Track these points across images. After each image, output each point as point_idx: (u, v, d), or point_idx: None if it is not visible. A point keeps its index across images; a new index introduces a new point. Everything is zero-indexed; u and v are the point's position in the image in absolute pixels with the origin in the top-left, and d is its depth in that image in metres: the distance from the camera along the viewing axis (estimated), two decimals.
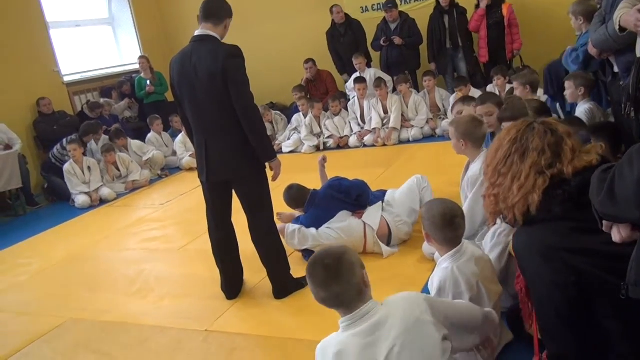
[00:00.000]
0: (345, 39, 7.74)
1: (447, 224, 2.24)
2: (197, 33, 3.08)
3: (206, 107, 3.04)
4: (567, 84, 4.14)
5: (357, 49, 7.61)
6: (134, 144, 7.33)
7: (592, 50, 3.55)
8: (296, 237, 3.63)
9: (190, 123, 3.21)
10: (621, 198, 1.12)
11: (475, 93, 6.52)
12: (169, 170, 7.48)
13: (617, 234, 1.23)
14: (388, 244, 3.66)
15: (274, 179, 3.25)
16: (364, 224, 3.65)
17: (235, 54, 3.01)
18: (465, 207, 2.91)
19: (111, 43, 9.42)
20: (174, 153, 7.69)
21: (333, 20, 7.76)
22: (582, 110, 3.96)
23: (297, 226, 3.67)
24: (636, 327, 1.57)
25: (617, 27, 2.91)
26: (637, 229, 1.17)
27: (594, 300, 1.62)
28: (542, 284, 1.69)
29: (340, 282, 1.73)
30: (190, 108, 3.12)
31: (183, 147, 7.42)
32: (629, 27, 2.77)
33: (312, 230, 3.64)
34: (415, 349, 1.69)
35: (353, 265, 1.76)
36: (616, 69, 3.44)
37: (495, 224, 1.92)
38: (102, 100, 8.21)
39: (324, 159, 4.33)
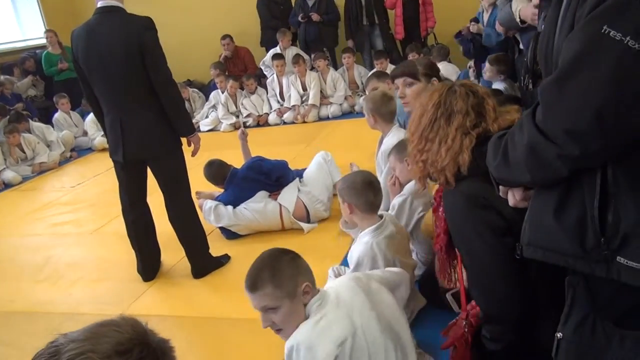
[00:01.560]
0: (284, 8, 7.71)
1: (367, 187, 2.32)
2: (100, 4, 2.91)
3: (121, 82, 2.90)
4: (487, 66, 4.32)
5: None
6: (37, 127, 6.83)
7: (499, 28, 3.71)
8: (212, 214, 3.62)
9: (101, 100, 3.04)
10: (513, 162, 1.17)
11: (392, 69, 6.64)
12: (79, 152, 7.08)
13: (512, 198, 1.29)
14: (308, 222, 3.69)
15: (194, 154, 3.20)
16: (280, 205, 3.65)
17: (151, 27, 2.92)
18: (381, 180, 2.98)
19: (10, 16, 8.72)
20: (85, 133, 7.30)
21: None
22: (499, 87, 4.16)
23: (214, 203, 3.65)
24: (555, 287, 1.57)
25: (518, 20, 3.10)
26: (528, 191, 1.23)
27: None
28: (480, 239, 1.68)
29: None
30: (102, 84, 2.96)
31: (95, 126, 6.94)
32: (527, 20, 2.98)
33: (229, 208, 3.63)
34: (382, 308, 1.83)
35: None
36: (521, 46, 3.62)
37: (425, 188, 1.94)
38: (2, 78, 7.61)
39: (244, 133, 4.16)
